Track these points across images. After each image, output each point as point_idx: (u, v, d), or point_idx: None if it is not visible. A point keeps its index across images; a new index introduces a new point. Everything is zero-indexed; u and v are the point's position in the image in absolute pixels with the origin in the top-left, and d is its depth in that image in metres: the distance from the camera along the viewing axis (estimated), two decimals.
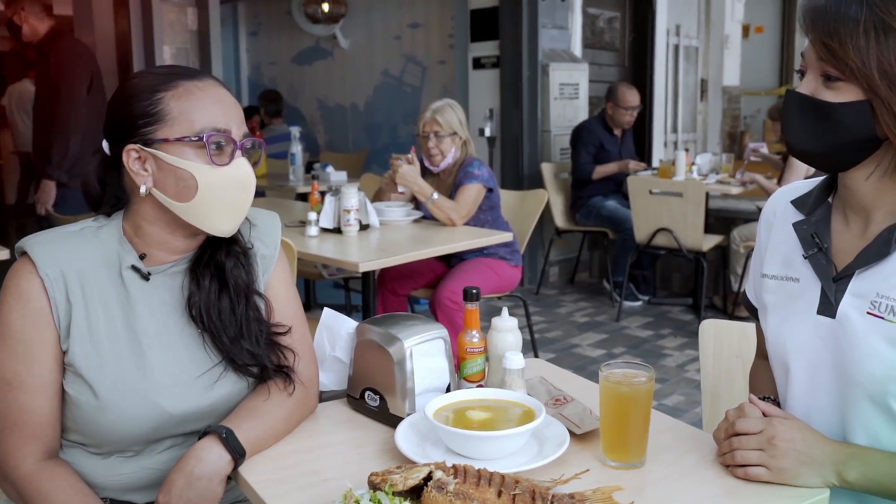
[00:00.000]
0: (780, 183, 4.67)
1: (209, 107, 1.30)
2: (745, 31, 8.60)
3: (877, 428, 1.18)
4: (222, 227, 1.34)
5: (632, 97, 5.44)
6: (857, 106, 1.12)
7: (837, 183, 1.27)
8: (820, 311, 1.23)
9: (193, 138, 1.28)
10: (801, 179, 4.47)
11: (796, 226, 1.28)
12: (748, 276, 1.47)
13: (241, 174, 1.33)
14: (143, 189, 1.31)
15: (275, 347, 1.41)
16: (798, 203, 1.32)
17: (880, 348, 1.15)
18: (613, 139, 5.53)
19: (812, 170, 4.52)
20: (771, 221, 1.38)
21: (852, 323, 1.18)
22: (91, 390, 1.28)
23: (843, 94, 1.13)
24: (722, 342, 1.77)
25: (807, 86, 1.17)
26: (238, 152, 1.32)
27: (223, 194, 1.31)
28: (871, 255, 1.18)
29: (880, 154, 1.16)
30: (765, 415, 1.20)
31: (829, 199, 1.28)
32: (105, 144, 1.36)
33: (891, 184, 1.18)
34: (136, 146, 1.30)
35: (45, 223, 3.76)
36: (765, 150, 5.42)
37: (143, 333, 1.32)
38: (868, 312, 1.17)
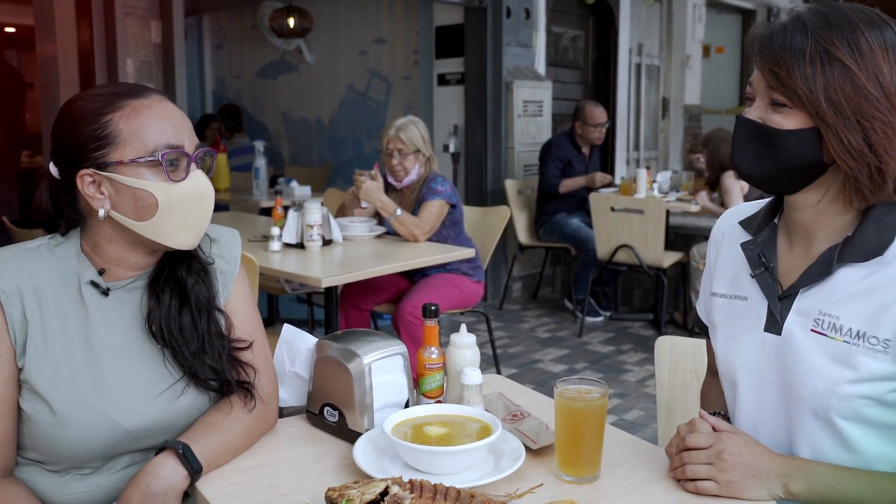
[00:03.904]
0: (723, 207, 4.79)
1: (159, 123, 1.29)
2: (706, 51, 8.75)
3: (820, 441, 1.22)
4: (184, 242, 1.35)
5: (599, 114, 5.51)
6: (804, 132, 1.16)
7: (783, 205, 1.31)
8: (766, 329, 1.27)
9: (148, 158, 1.27)
10: (742, 198, 4.55)
11: (744, 245, 1.33)
12: (699, 294, 1.51)
13: (198, 187, 1.33)
14: (101, 213, 1.30)
15: (235, 363, 1.41)
16: (745, 224, 1.36)
17: (823, 364, 1.19)
18: (581, 157, 5.60)
19: (746, 188, 4.67)
20: (719, 241, 1.42)
21: (797, 340, 1.22)
22: (47, 406, 1.28)
23: (791, 120, 1.17)
24: (677, 358, 1.80)
25: (755, 112, 1.21)
26: (193, 165, 1.32)
27: (183, 209, 1.31)
28: (813, 275, 1.22)
29: (827, 179, 1.20)
30: (714, 430, 1.24)
31: (775, 220, 1.33)
32: (53, 168, 1.34)
33: (833, 208, 1.22)
34: (90, 171, 1.28)
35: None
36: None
37: (101, 349, 1.32)
38: (812, 330, 1.21)
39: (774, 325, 1.26)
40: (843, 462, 1.21)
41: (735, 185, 4.72)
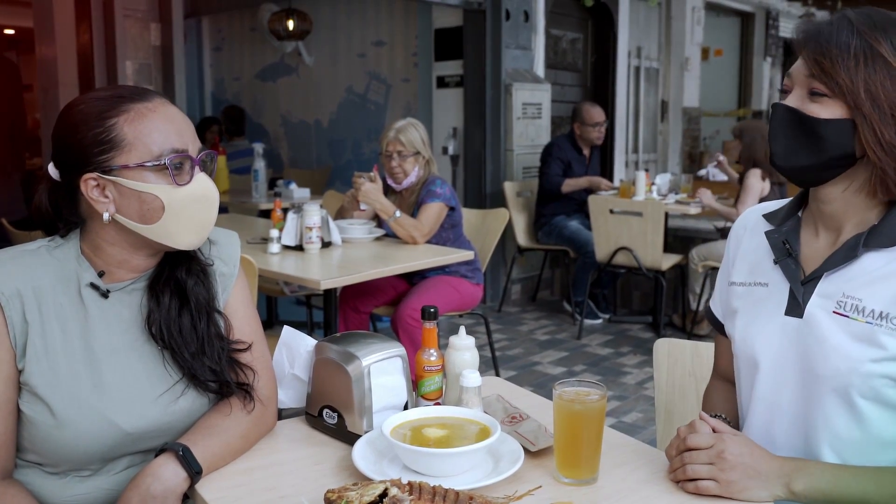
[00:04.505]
0: (736, 204, 4.76)
1: (163, 127, 1.29)
2: (705, 53, 8.76)
3: (836, 419, 1.24)
4: (189, 242, 1.35)
5: (596, 113, 5.52)
6: (840, 123, 1.20)
7: (808, 198, 1.35)
8: (788, 312, 1.29)
9: (154, 162, 1.27)
10: (756, 200, 4.55)
11: (768, 234, 1.37)
12: (712, 292, 1.54)
13: (203, 190, 1.33)
14: (105, 216, 1.29)
15: (234, 365, 1.41)
16: (769, 216, 1.41)
17: (845, 344, 1.21)
18: (581, 159, 5.60)
19: (766, 191, 4.63)
20: (740, 235, 1.46)
21: (819, 322, 1.25)
22: (47, 409, 1.28)
23: (828, 110, 1.21)
24: (676, 360, 1.80)
25: (794, 100, 1.25)
26: (196, 168, 1.32)
27: (188, 212, 1.32)
28: (838, 259, 1.25)
29: (853, 171, 1.24)
30: (714, 431, 1.24)
31: (799, 213, 1.37)
32: (53, 171, 1.33)
33: (861, 199, 1.26)
34: (94, 174, 1.28)
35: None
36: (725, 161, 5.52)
37: (101, 351, 1.32)
38: (834, 312, 1.24)
39: (796, 308, 1.28)
40: (857, 443, 1.23)
41: (756, 186, 4.67)
